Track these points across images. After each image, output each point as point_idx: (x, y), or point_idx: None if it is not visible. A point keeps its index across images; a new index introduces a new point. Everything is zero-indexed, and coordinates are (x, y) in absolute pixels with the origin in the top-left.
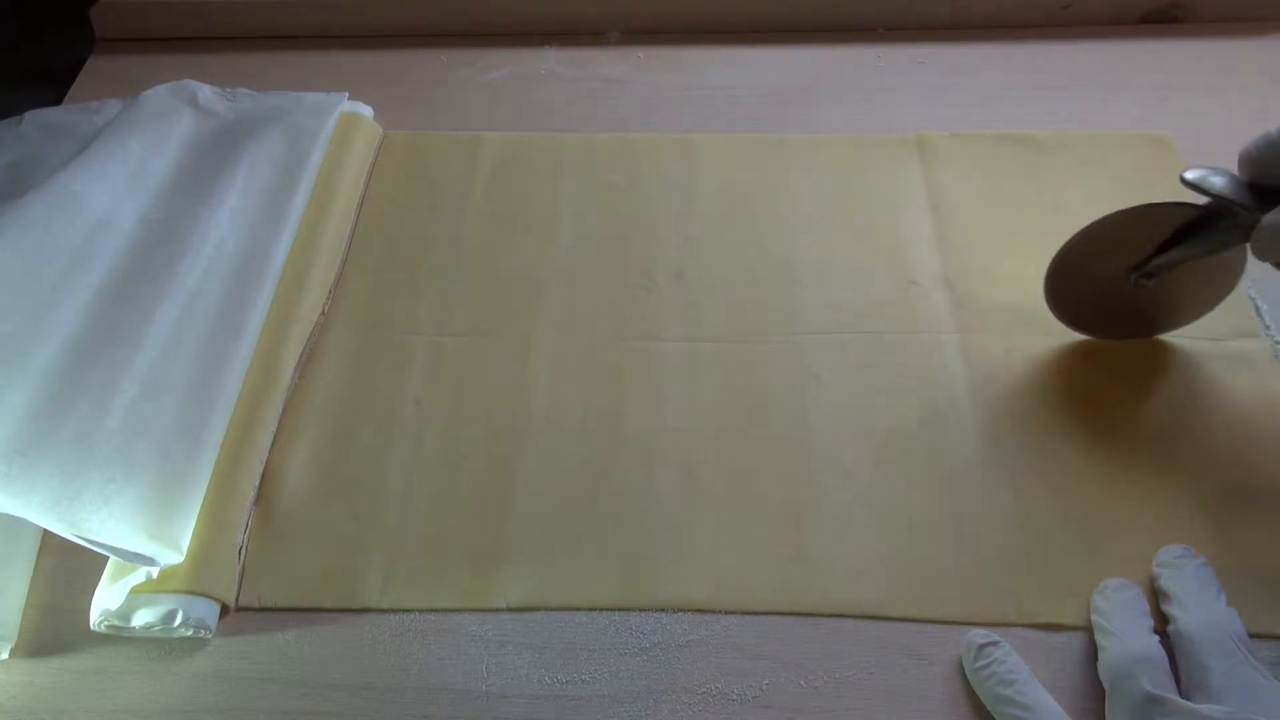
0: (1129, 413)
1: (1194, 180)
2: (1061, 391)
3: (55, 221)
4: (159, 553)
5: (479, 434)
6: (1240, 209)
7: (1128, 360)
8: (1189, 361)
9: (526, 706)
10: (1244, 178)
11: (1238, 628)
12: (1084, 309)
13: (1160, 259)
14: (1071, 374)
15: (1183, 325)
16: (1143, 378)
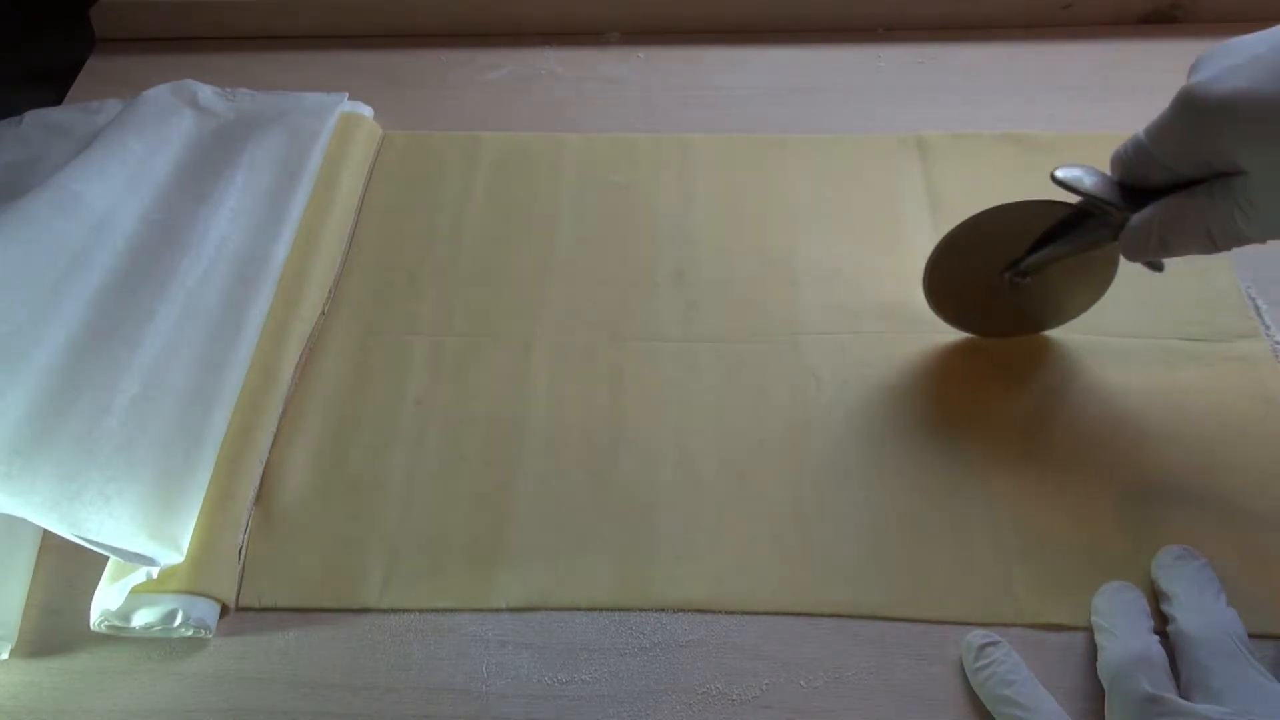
0: (1130, 413)
1: (1064, 179)
2: (1061, 391)
3: (55, 221)
4: (159, 553)
5: (479, 434)
6: (1110, 209)
7: (1128, 361)
8: (1188, 361)
9: (526, 706)
10: (1115, 178)
11: (1238, 628)
12: (963, 306)
13: (1033, 257)
14: (1071, 374)
15: (1062, 323)
16: (1143, 378)
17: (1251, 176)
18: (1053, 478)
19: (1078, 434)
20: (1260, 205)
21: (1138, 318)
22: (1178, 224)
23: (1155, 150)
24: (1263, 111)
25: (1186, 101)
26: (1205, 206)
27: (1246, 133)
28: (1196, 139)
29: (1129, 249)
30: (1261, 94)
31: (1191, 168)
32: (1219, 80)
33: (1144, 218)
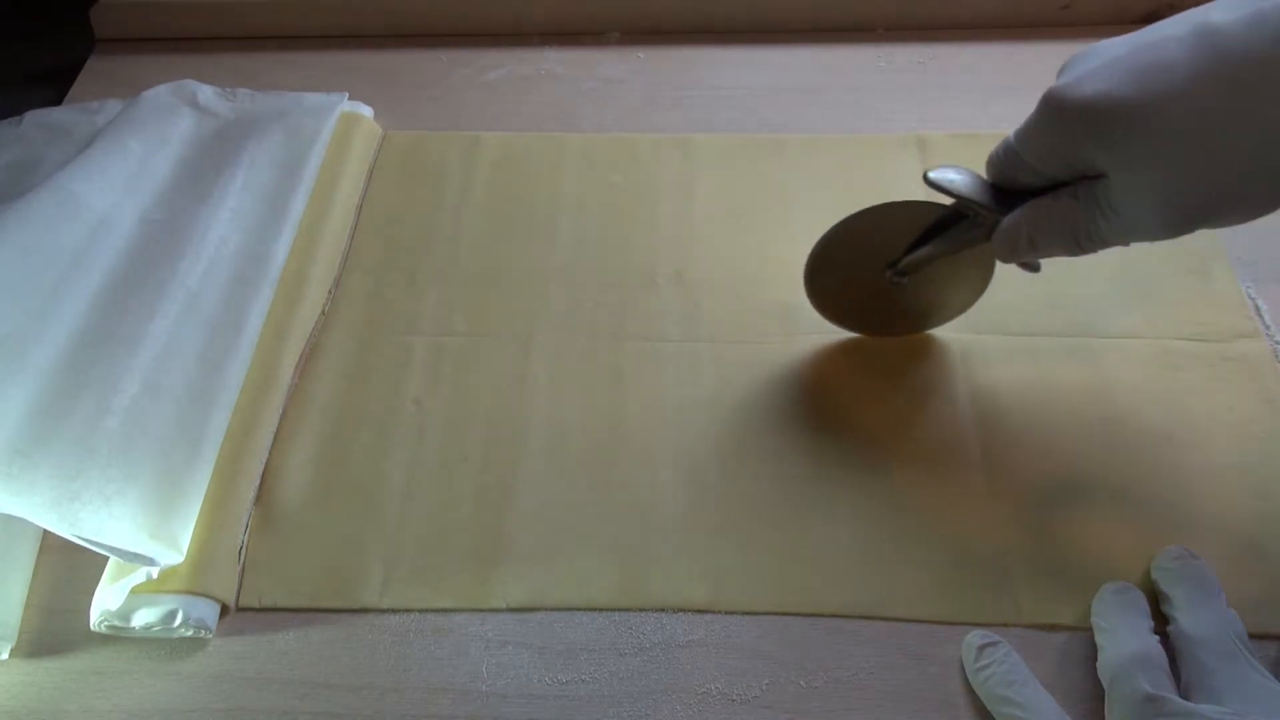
0: (1129, 415)
1: (936, 180)
2: (1060, 391)
3: (55, 221)
4: (159, 553)
5: (479, 434)
6: (982, 210)
7: (1128, 361)
8: (1188, 361)
9: (526, 706)
10: (989, 179)
11: (1238, 628)
12: (846, 305)
13: (911, 256)
14: (1069, 374)
15: (944, 322)
16: (1143, 378)
17: (1111, 179)
18: (1053, 478)
19: (1078, 434)
20: (1120, 208)
21: (1138, 318)
22: (1044, 226)
23: (1023, 152)
24: (1119, 114)
25: (1049, 104)
26: (1069, 209)
27: (1105, 135)
28: (1060, 142)
29: (1000, 250)
30: (1117, 97)
31: (1058, 170)
32: (1080, 83)
33: (1013, 220)
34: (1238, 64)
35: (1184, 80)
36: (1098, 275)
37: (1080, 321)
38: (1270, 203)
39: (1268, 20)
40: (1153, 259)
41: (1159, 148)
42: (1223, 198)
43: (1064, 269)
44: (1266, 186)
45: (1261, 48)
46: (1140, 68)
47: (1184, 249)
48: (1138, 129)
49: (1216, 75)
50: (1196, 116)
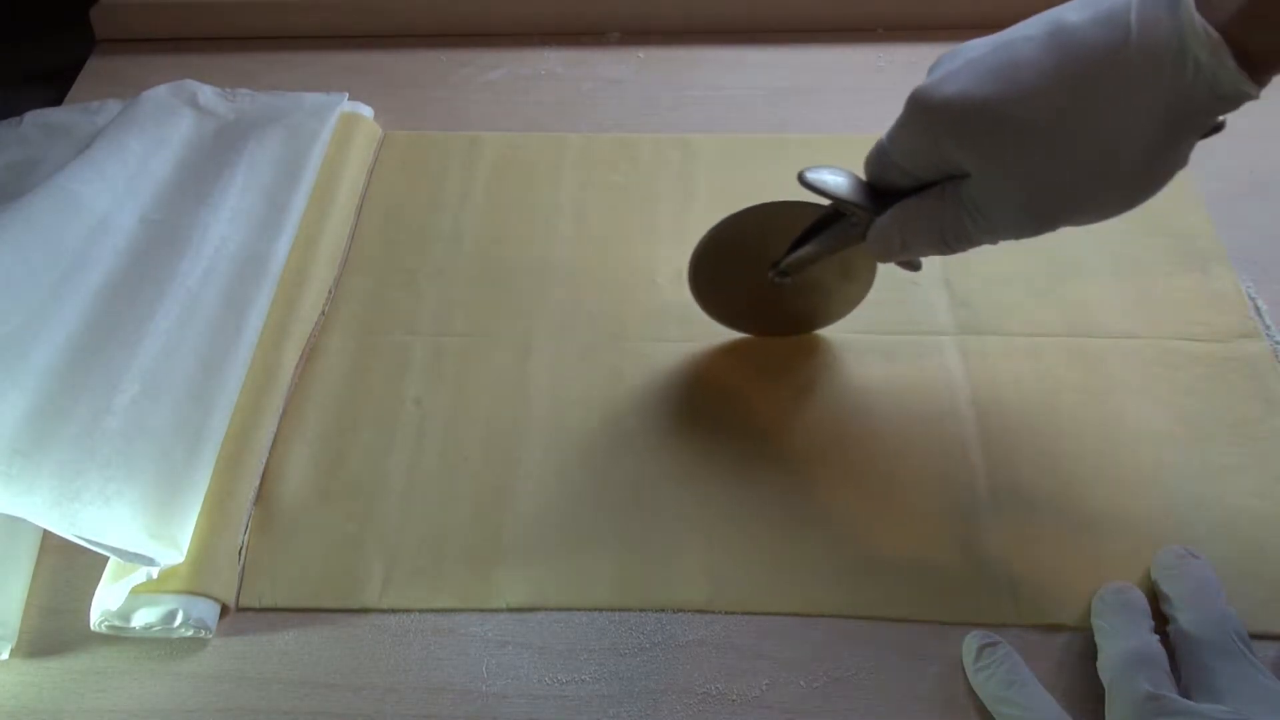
0: (1129, 415)
1: (810, 181)
2: (1060, 391)
3: (55, 222)
4: (159, 553)
5: (479, 434)
6: (856, 210)
7: (1128, 361)
8: (1188, 361)
9: (526, 706)
10: (865, 179)
11: (1238, 627)
12: (733, 305)
13: (792, 256)
14: (1069, 374)
15: (831, 322)
16: (1143, 378)
17: (974, 178)
18: (1053, 477)
19: (1074, 433)
20: (983, 206)
21: (1138, 318)
22: (914, 226)
23: (892, 152)
24: (976, 113)
25: (912, 103)
26: (936, 209)
27: (965, 135)
28: (923, 141)
29: (875, 250)
30: (975, 96)
31: (925, 170)
32: (941, 83)
33: (885, 220)
34: (1087, 62)
35: (1037, 79)
36: (1098, 275)
37: (1080, 321)
38: (1125, 200)
39: (1116, 19)
40: (1153, 259)
41: (1015, 146)
42: (1077, 195)
43: (1064, 268)
44: (1119, 184)
45: (1109, 46)
46: (997, 67)
47: (1184, 249)
48: (994, 128)
49: (1068, 74)
50: (1049, 115)
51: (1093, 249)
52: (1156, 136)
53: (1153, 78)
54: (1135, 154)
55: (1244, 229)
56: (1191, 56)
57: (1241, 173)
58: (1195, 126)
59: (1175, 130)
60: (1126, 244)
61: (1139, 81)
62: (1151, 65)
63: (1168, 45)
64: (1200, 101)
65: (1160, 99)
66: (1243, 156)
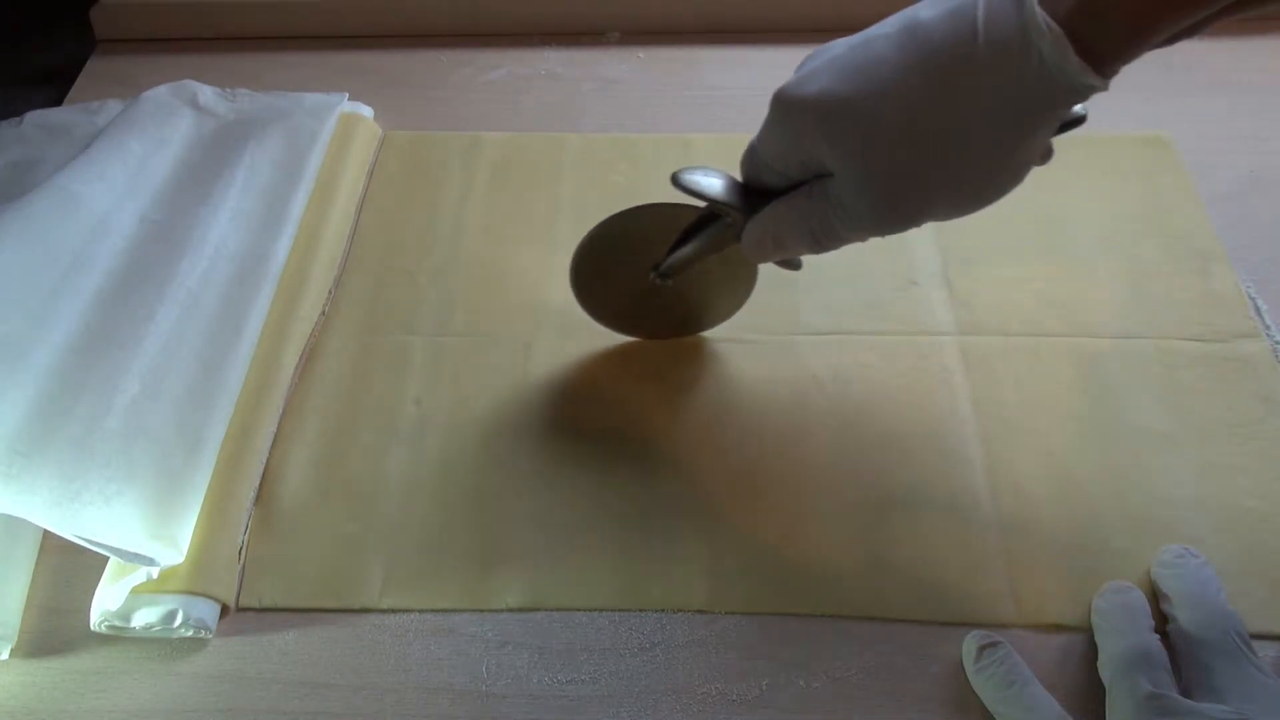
0: (1129, 415)
1: (682, 181)
2: (1061, 391)
3: (55, 222)
4: (159, 553)
5: (479, 434)
6: (730, 211)
7: (1128, 361)
8: (1189, 361)
9: (526, 707)
10: (741, 180)
11: (1238, 627)
12: (618, 307)
13: (671, 258)
14: (1069, 374)
15: (717, 324)
16: (1143, 378)
17: (837, 175)
18: (1052, 477)
19: (1075, 433)
20: (846, 203)
21: (1138, 318)
22: (785, 225)
23: (762, 153)
24: (836, 111)
25: (775, 102)
26: (805, 208)
27: (826, 132)
28: (788, 140)
29: (749, 250)
30: (833, 94)
31: (793, 169)
32: (802, 82)
33: (758, 220)
34: (938, 58)
35: (891, 76)
36: (1098, 275)
37: (1080, 321)
38: (983, 194)
39: (964, 14)
40: (1153, 259)
41: (872, 142)
42: (934, 189)
43: (1064, 268)
44: (975, 177)
45: (957, 41)
46: (855, 65)
47: (1184, 249)
48: (853, 124)
49: (920, 70)
50: (904, 110)
51: (1093, 249)
52: (1007, 130)
53: (1000, 72)
54: (988, 147)
55: (1244, 229)
56: (1035, 50)
57: (1241, 173)
58: (1046, 119)
59: (1026, 123)
60: (1127, 244)
61: (987, 76)
62: (998, 59)
63: (1012, 39)
64: (1047, 94)
65: (1008, 92)
66: (1243, 156)
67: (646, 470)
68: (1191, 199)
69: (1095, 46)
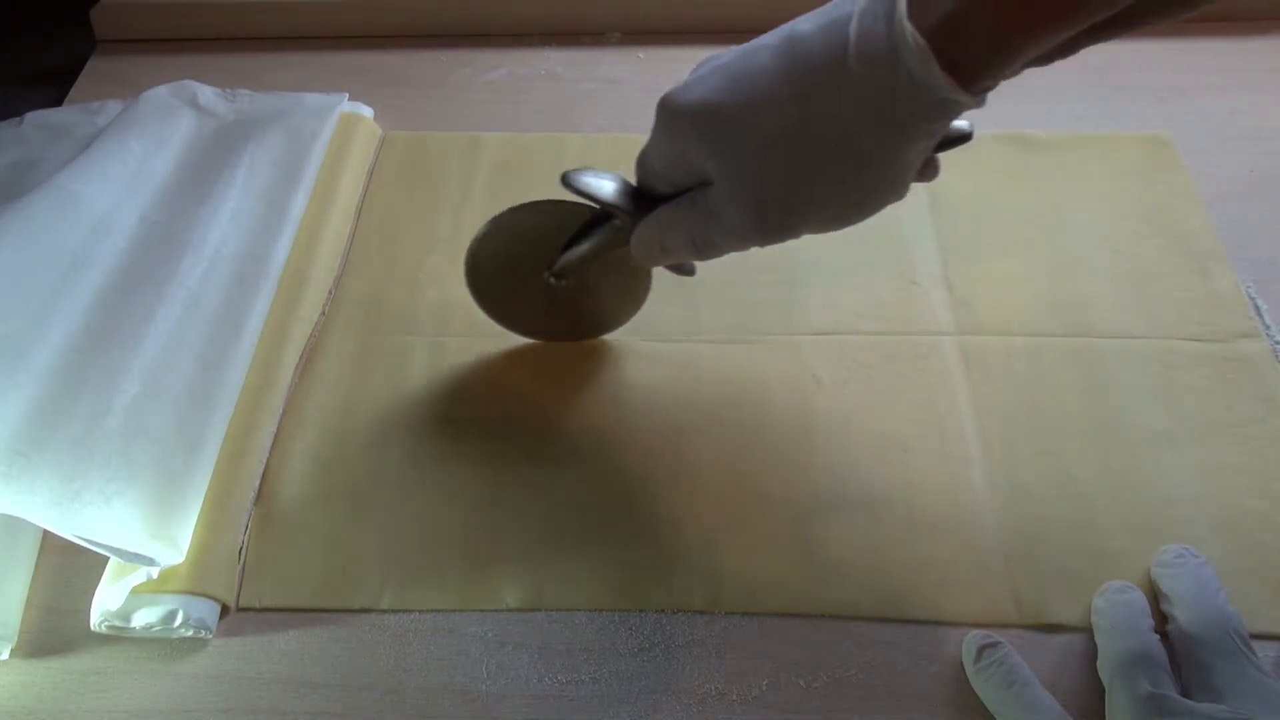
0: (1129, 414)
1: (569, 181)
2: (1060, 391)
3: (55, 222)
4: (159, 553)
5: (478, 434)
6: (618, 213)
7: (1128, 361)
8: (1188, 362)
9: (526, 707)
10: (636, 184)
11: (1238, 626)
12: (517, 306)
13: (564, 258)
14: (1069, 374)
15: (615, 328)
16: (1143, 378)
17: (715, 185)
18: (1052, 477)
19: (1071, 434)
20: (723, 212)
21: (1138, 318)
22: (669, 231)
23: (650, 158)
24: (715, 119)
25: (659, 108)
26: (686, 215)
27: (706, 141)
28: (671, 146)
29: (637, 254)
30: (713, 102)
31: (679, 175)
32: (686, 89)
33: (645, 225)
34: (812, 71)
35: (769, 87)
36: (1098, 275)
37: (1081, 321)
38: (857, 209)
39: (838, 28)
40: (1153, 259)
41: (749, 152)
42: (808, 202)
43: (1064, 269)
44: (848, 192)
45: (830, 55)
46: (735, 74)
47: (1184, 249)
48: (730, 133)
49: (795, 82)
50: (780, 122)
51: (1093, 249)
52: (880, 144)
53: (870, 86)
54: (860, 161)
55: (1244, 229)
56: (904, 65)
57: (1241, 173)
58: (918, 133)
59: (897, 139)
60: (1126, 244)
61: (858, 89)
62: (868, 73)
63: (881, 55)
64: (916, 109)
65: (879, 106)
66: (1243, 156)
67: (647, 470)
68: (1191, 199)
69: (961, 63)
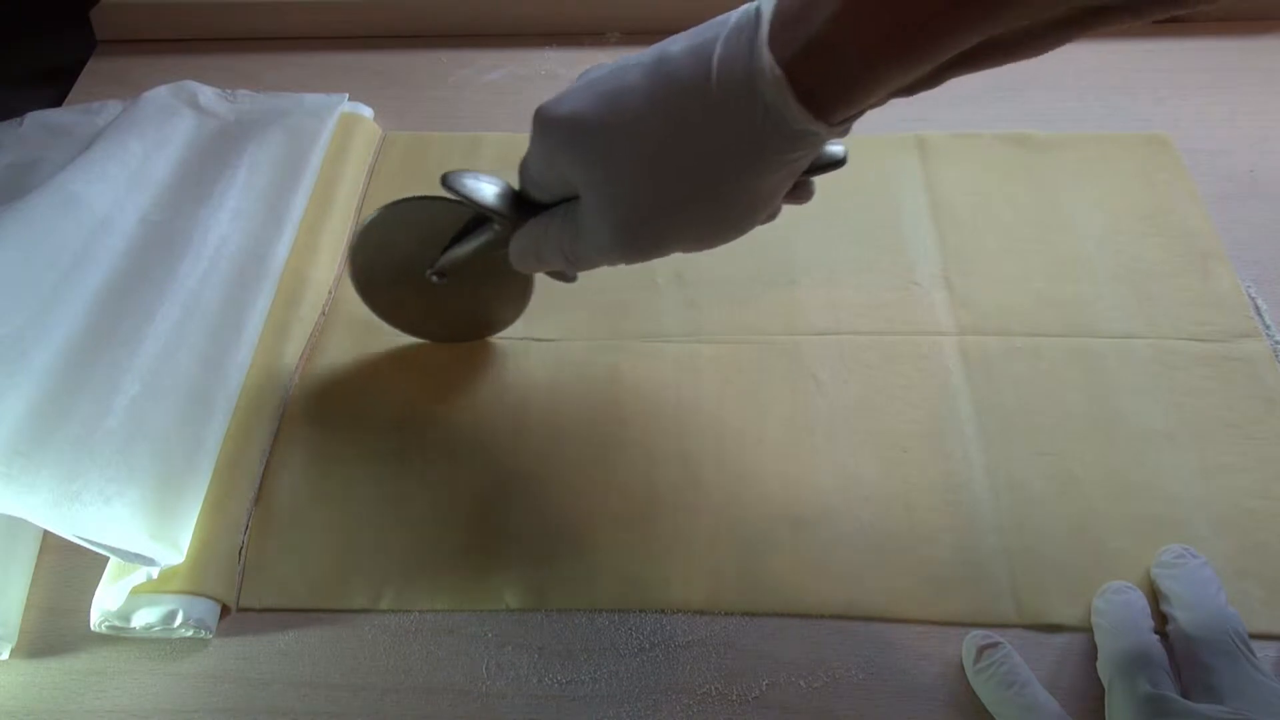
0: (1129, 414)
1: (448, 182)
2: (1060, 391)
3: (56, 222)
4: (159, 553)
5: (479, 434)
6: (497, 218)
7: (1128, 361)
8: (1188, 362)
9: (526, 707)
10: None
11: (1238, 627)
12: (400, 302)
13: (444, 257)
14: (1070, 374)
15: (497, 330)
16: (1143, 378)
17: (582, 199)
18: (1052, 478)
19: (1072, 433)
20: (590, 228)
21: (1138, 318)
22: (543, 241)
23: (529, 166)
24: (583, 135)
25: (534, 118)
26: (558, 226)
27: (571, 155)
28: (545, 158)
29: (515, 260)
30: (582, 117)
31: (554, 186)
32: (560, 101)
33: (522, 233)
34: (677, 94)
35: (635, 106)
36: (1098, 275)
37: (1081, 322)
38: (717, 233)
39: (703, 53)
40: (1153, 259)
41: (613, 169)
42: (669, 224)
43: (1064, 269)
44: (708, 217)
45: (695, 80)
46: (608, 91)
47: (1184, 249)
48: (595, 150)
49: (660, 104)
50: (643, 142)
51: (1093, 249)
52: (741, 169)
53: (731, 112)
54: (722, 185)
55: (1244, 229)
56: (761, 95)
57: (1242, 173)
58: (780, 161)
59: (759, 166)
60: (1127, 244)
61: (720, 115)
62: (729, 100)
63: (741, 82)
64: (775, 137)
65: (739, 134)
66: (1243, 156)
67: (646, 470)
68: (1191, 199)
69: (820, 93)
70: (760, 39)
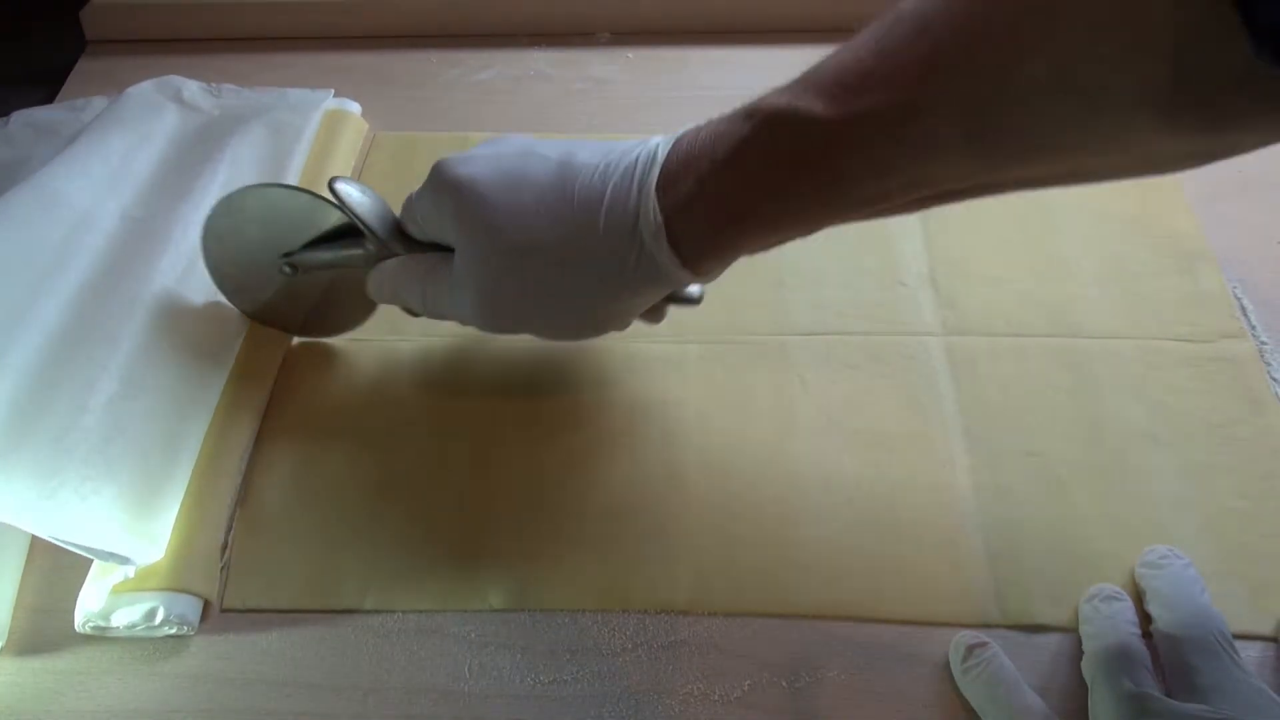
0: (1115, 414)
1: (336, 188)
2: (1046, 391)
3: (35, 219)
4: (137, 549)
5: (464, 435)
6: (373, 237)
7: (1114, 362)
8: (1174, 362)
9: (509, 707)
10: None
11: (1221, 627)
12: (248, 284)
13: (303, 253)
14: (1055, 374)
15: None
16: (1129, 379)
17: (457, 263)
18: (1038, 478)
19: (1059, 434)
20: (456, 291)
21: (1124, 318)
22: (405, 280)
23: (415, 205)
24: (472, 203)
25: (431, 173)
26: (427, 275)
27: (457, 220)
28: (432, 208)
29: (370, 287)
30: (477, 188)
31: (433, 232)
32: (464, 161)
33: (385, 267)
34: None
35: (530, 201)
36: (1084, 276)
37: (1067, 322)
38: (569, 334)
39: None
40: (1139, 259)
41: (492, 251)
42: (530, 316)
43: (1050, 269)
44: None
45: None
46: (509, 171)
47: (1171, 249)
48: (477, 227)
49: (551, 209)
50: (526, 238)
51: (1079, 250)
52: (606, 291)
53: (611, 244)
54: (586, 300)
55: (1231, 230)
56: (640, 234)
57: (1229, 174)
58: (645, 294)
59: (624, 292)
60: (1113, 244)
61: (599, 243)
62: (611, 229)
63: (624, 219)
64: (648, 275)
65: (614, 257)
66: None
67: (630, 471)
68: (1178, 200)
69: (686, 246)
70: (650, 183)
